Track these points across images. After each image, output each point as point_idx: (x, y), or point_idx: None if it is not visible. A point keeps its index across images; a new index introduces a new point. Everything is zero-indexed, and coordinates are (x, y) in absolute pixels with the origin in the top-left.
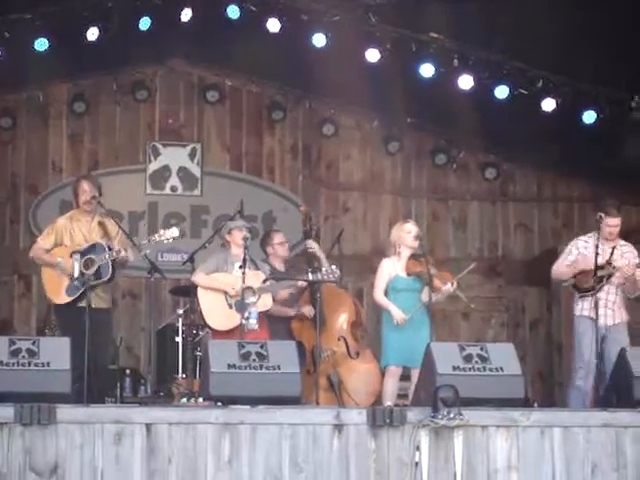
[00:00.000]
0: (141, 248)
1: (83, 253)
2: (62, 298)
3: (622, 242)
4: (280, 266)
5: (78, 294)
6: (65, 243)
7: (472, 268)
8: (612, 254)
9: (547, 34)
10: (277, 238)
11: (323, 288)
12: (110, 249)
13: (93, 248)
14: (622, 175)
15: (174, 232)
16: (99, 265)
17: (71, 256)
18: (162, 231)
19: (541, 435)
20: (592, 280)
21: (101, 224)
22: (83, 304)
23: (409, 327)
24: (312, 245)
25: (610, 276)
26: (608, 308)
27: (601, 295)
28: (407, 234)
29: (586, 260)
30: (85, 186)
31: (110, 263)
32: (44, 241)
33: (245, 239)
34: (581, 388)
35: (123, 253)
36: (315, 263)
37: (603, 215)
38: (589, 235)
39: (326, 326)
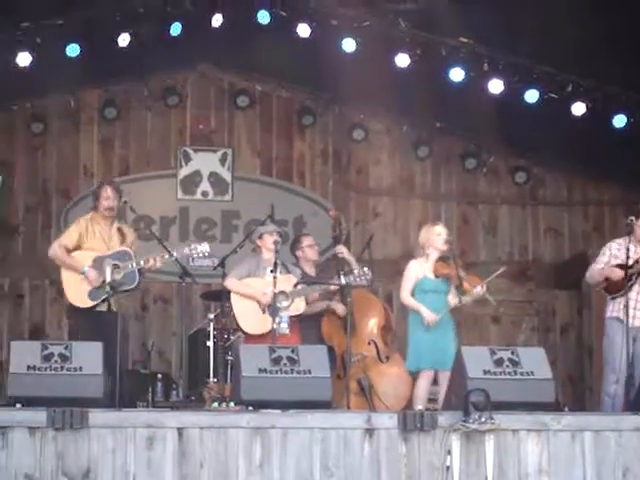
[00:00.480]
0: (172, 254)
1: (108, 259)
2: (85, 302)
3: None
4: (310, 270)
5: (102, 299)
6: (84, 244)
7: (501, 272)
8: None
9: (574, 38)
10: (306, 241)
11: (353, 292)
12: (136, 257)
13: (118, 255)
14: None
15: (205, 248)
16: (125, 272)
17: (94, 262)
18: (194, 245)
19: (572, 439)
20: (622, 281)
21: (120, 230)
22: (100, 308)
23: (436, 329)
24: (342, 250)
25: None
26: (638, 310)
27: (631, 296)
28: (437, 236)
29: (617, 261)
30: (109, 192)
31: (137, 271)
32: (66, 240)
33: (276, 243)
34: (611, 394)
35: (152, 262)
36: (346, 267)
37: (634, 218)
38: (623, 238)
39: (356, 330)
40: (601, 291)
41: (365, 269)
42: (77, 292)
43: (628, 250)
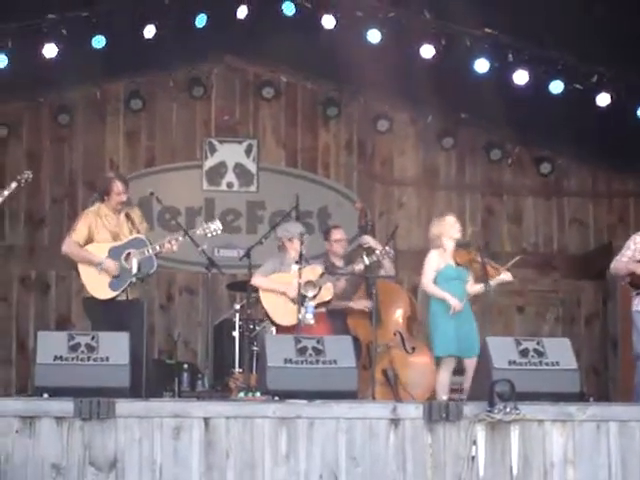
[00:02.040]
0: (198, 244)
1: (123, 248)
2: (106, 293)
3: None
4: (339, 262)
5: (124, 287)
6: (96, 236)
7: (517, 260)
8: None
9: (598, 29)
10: (335, 235)
11: (379, 283)
12: (151, 243)
13: (133, 242)
14: None
15: (217, 225)
16: (140, 259)
17: (110, 252)
18: (206, 224)
19: (597, 429)
20: None
21: (128, 216)
22: (119, 298)
23: (459, 317)
24: (367, 239)
25: None
26: None
27: None
28: (452, 226)
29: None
30: (120, 187)
31: (153, 256)
32: (77, 236)
33: (301, 242)
34: None
35: (167, 246)
36: (372, 255)
37: None
38: None
39: (382, 321)
40: (626, 285)
41: (387, 247)
42: (98, 284)
43: None
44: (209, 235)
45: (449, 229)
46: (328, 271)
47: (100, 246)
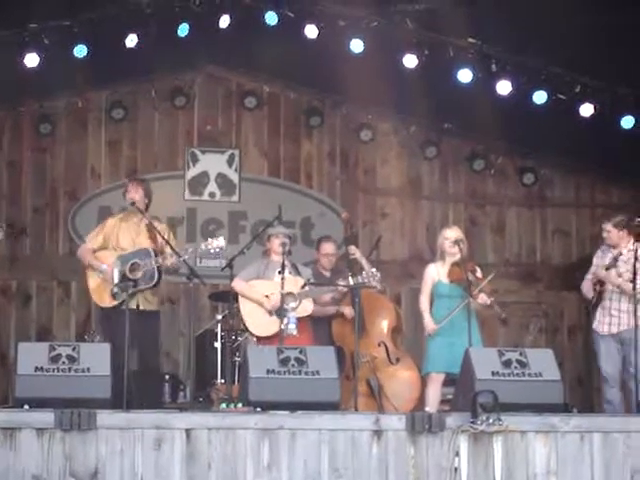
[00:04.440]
0: (182, 254)
1: (128, 257)
2: (108, 301)
3: (631, 246)
4: (326, 272)
5: (123, 298)
6: (112, 244)
7: (492, 277)
8: (615, 259)
9: (581, 39)
10: (323, 249)
11: (364, 293)
12: (156, 255)
13: (139, 253)
14: None
15: (221, 242)
16: (144, 270)
17: (117, 259)
18: (210, 240)
19: (580, 440)
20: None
21: (149, 227)
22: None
23: (452, 333)
24: (353, 251)
25: (604, 283)
26: (614, 317)
27: (605, 304)
28: (445, 240)
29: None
30: (129, 187)
31: (156, 268)
32: (91, 242)
33: (283, 245)
34: (610, 400)
35: (172, 260)
36: (356, 267)
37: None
38: (605, 244)
39: (367, 331)
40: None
41: (373, 270)
42: (101, 292)
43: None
44: (212, 251)
45: (443, 242)
46: (311, 283)
47: (110, 253)
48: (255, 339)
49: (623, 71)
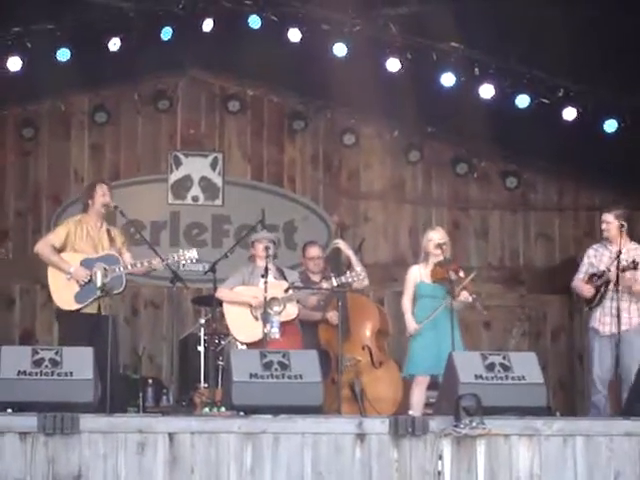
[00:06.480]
0: (163, 259)
1: (95, 261)
2: (71, 304)
3: (633, 245)
4: (314, 276)
5: (89, 302)
6: (73, 245)
7: (473, 277)
8: (617, 259)
9: (564, 43)
10: (308, 253)
11: (349, 297)
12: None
13: (106, 258)
14: None
15: (193, 254)
16: (112, 276)
17: (82, 263)
18: (181, 251)
19: (563, 444)
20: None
21: (109, 232)
22: (87, 310)
23: (435, 335)
24: (338, 241)
25: (608, 283)
26: (615, 317)
27: (606, 304)
28: (428, 241)
29: (593, 269)
30: (105, 189)
31: (124, 275)
32: (55, 238)
33: (267, 249)
34: (596, 404)
35: (139, 267)
36: (340, 265)
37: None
38: (600, 243)
39: (351, 334)
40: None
41: (358, 269)
42: (64, 294)
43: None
44: (183, 263)
45: (427, 244)
46: (294, 287)
47: (74, 255)
48: (245, 346)
49: (606, 75)
